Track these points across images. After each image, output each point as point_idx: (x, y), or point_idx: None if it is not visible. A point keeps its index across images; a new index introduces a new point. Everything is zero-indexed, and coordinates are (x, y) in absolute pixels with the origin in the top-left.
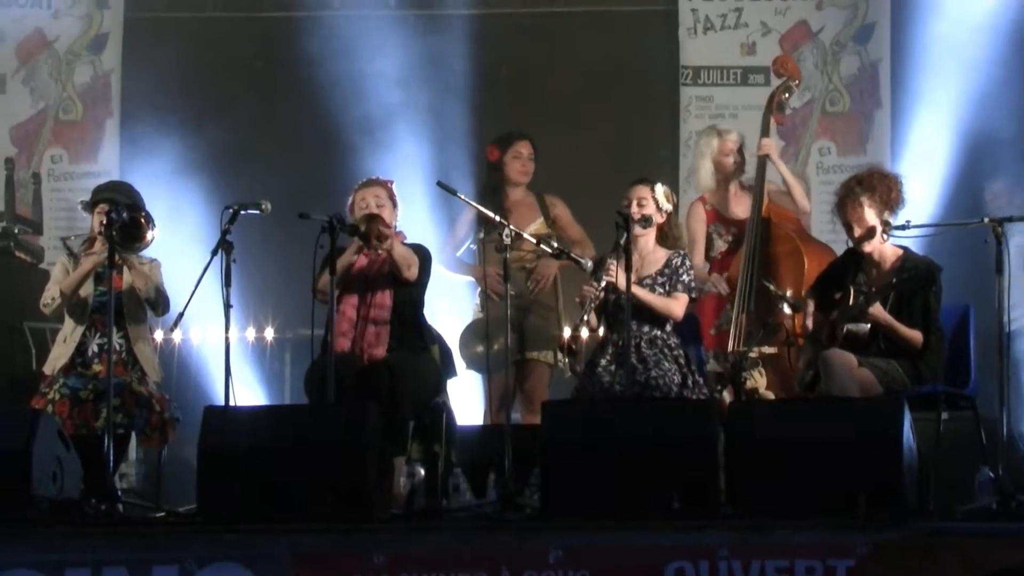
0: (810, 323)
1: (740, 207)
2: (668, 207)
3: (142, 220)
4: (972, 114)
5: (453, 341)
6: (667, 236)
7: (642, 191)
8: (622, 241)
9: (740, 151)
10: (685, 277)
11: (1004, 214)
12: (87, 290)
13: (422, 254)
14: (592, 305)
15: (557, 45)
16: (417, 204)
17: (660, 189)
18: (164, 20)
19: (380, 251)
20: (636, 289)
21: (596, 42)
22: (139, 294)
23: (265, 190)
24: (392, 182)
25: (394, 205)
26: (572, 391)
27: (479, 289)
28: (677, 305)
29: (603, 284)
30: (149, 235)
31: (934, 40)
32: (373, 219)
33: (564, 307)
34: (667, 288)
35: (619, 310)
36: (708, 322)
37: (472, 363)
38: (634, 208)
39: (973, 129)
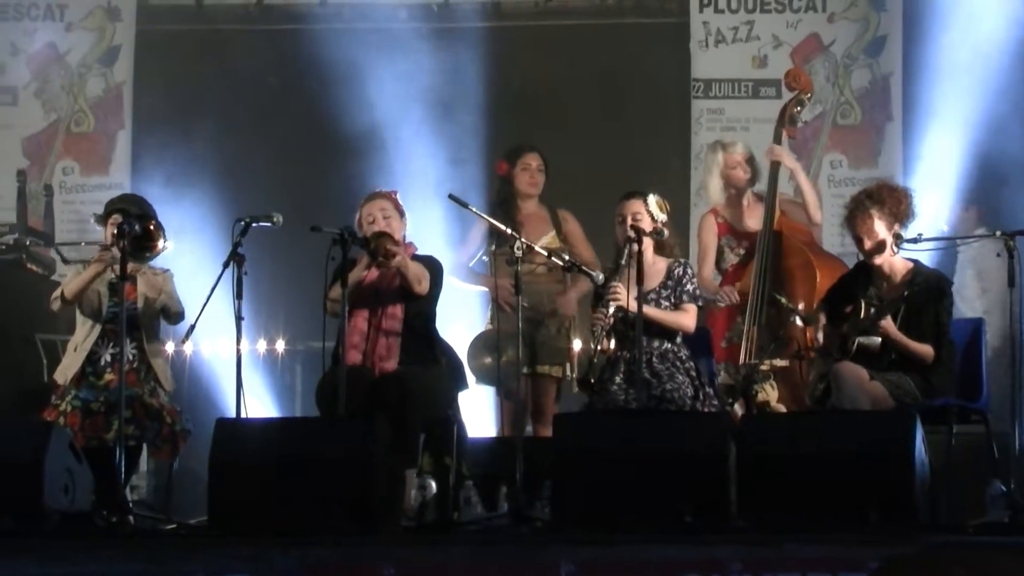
0: (821, 337)
1: (753, 219)
2: (663, 217)
3: (151, 228)
4: (984, 127)
5: (463, 353)
6: (664, 245)
7: (636, 205)
8: (623, 261)
9: (749, 162)
10: (689, 286)
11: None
12: (102, 301)
13: (433, 267)
14: (604, 332)
15: (569, 58)
16: (429, 217)
17: (652, 200)
18: (176, 32)
19: (389, 268)
20: (646, 309)
21: (608, 55)
22: (152, 305)
23: (277, 202)
24: (396, 192)
25: (401, 215)
26: (583, 405)
27: (491, 302)
28: (687, 317)
29: (612, 310)
30: (160, 243)
31: (946, 53)
32: (381, 237)
33: (575, 319)
34: (672, 300)
35: (628, 328)
36: (719, 335)
37: (480, 375)
38: (629, 223)
39: (986, 142)
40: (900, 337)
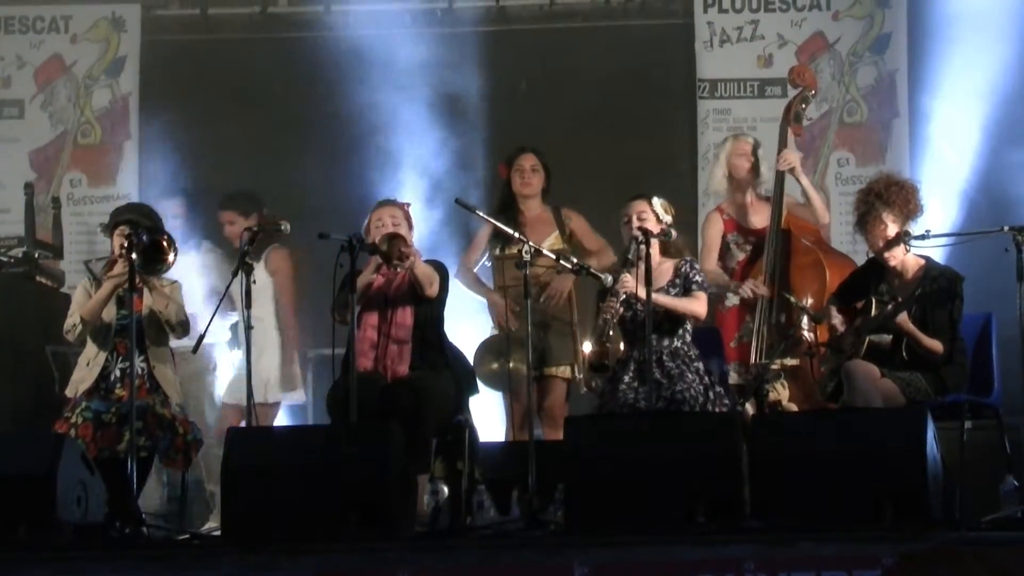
0: (832, 327)
1: (758, 216)
2: (668, 219)
3: (164, 242)
4: (992, 123)
5: (471, 358)
6: (670, 248)
7: (640, 205)
8: (630, 256)
9: (755, 154)
10: (698, 278)
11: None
12: (109, 314)
13: (440, 270)
14: (614, 320)
15: (575, 59)
16: (435, 221)
17: (658, 202)
18: (181, 43)
19: (402, 270)
20: (656, 295)
21: (613, 56)
22: (160, 316)
23: (284, 210)
24: (409, 204)
25: (410, 227)
26: (594, 407)
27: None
28: (699, 303)
29: (622, 298)
30: (171, 257)
31: (951, 50)
32: (395, 238)
33: (579, 322)
34: (681, 294)
35: (639, 327)
36: (729, 335)
37: (486, 381)
38: (634, 223)
39: (993, 138)
40: (914, 331)
